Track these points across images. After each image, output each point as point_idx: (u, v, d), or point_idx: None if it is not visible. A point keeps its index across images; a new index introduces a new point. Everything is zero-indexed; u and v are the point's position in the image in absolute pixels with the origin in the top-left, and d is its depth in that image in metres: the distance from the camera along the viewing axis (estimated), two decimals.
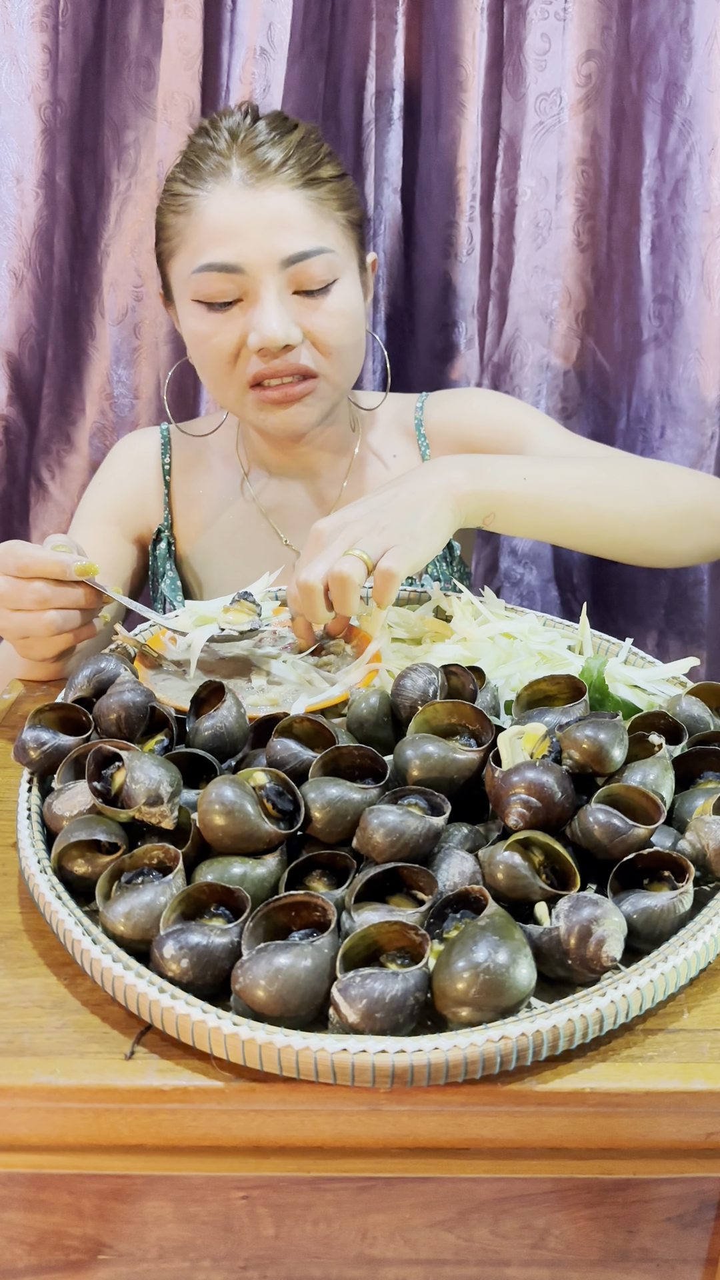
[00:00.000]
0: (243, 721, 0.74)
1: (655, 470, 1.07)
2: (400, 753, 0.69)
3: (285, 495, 1.21)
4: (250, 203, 1.01)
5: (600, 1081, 0.55)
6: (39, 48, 1.29)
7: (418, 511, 0.89)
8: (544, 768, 0.65)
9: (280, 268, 1.01)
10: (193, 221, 1.03)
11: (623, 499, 1.01)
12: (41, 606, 0.86)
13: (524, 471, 0.97)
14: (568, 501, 0.98)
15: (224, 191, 1.01)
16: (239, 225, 1.01)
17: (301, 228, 1.02)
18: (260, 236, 1.00)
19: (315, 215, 1.03)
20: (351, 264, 1.07)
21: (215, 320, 1.04)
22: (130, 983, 0.56)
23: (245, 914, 0.58)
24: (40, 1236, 0.62)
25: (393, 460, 1.22)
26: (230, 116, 1.05)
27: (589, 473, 1.02)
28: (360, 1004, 0.53)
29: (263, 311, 1.01)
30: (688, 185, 1.24)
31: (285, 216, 1.01)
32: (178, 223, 1.05)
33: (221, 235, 1.01)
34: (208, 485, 1.23)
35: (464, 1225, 0.61)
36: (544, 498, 0.97)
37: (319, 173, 1.04)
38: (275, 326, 1.00)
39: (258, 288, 1.01)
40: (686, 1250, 0.62)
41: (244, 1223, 0.61)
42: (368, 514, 0.89)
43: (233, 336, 1.03)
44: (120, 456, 1.26)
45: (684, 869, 0.62)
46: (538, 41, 1.24)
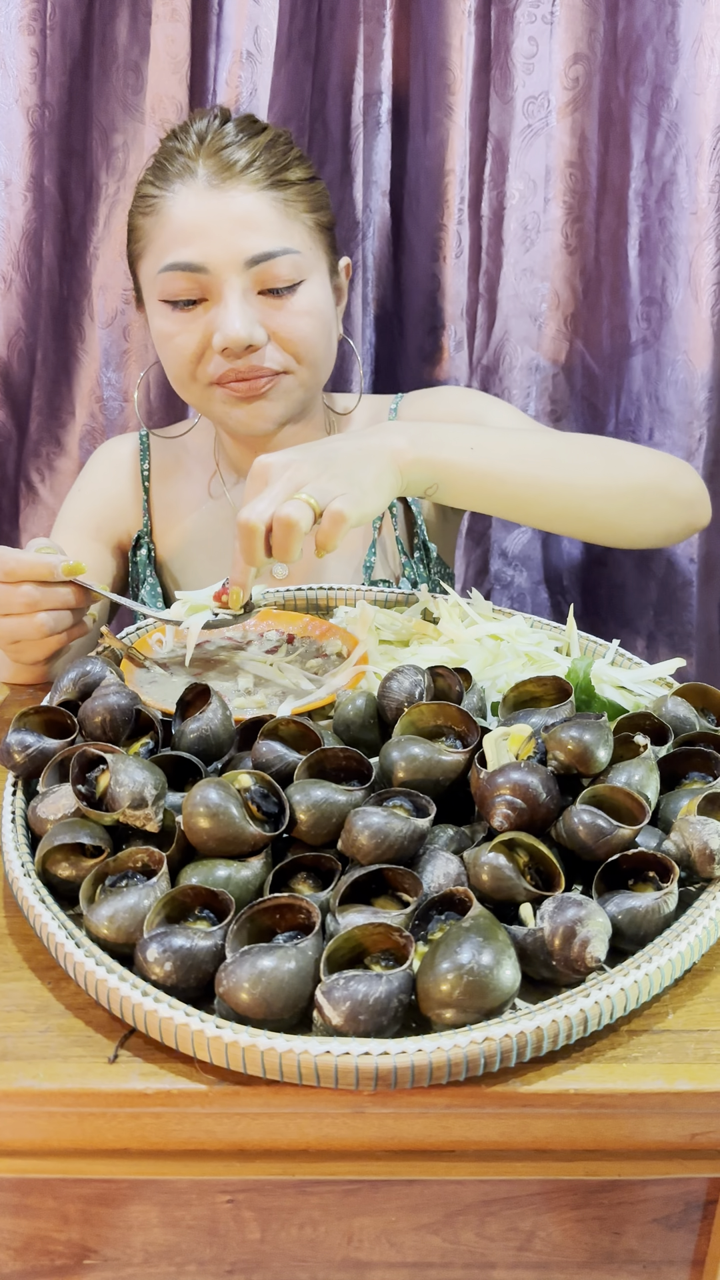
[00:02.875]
0: (228, 724, 0.74)
1: (612, 447, 1.05)
2: (386, 755, 0.69)
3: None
4: (215, 202, 1.01)
5: (585, 1083, 0.55)
6: (27, 51, 1.29)
7: (365, 466, 0.86)
8: (529, 769, 0.65)
9: (244, 267, 1.01)
10: (159, 222, 1.03)
11: (574, 472, 0.98)
12: (31, 609, 0.86)
13: (471, 441, 0.95)
14: (515, 473, 0.96)
15: (189, 192, 1.02)
16: (203, 225, 1.01)
17: (267, 228, 1.02)
18: (224, 236, 1.01)
19: (281, 216, 1.03)
20: (320, 266, 1.07)
21: (180, 320, 1.04)
22: (114, 986, 0.56)
23: (229, 917, 0.58)
24: (26, 1242, 0.62)
25: None
26: (200, 120, 1.06)
27: (541, 445, 1.00)
28: (344, 1006, 0.53)
29: (226, 311, 1.01)
30: (675, 188, 1.24)
31: (250, 216, 1.01)
32: (145, 224, 1.05)
33: (186, 235, 1.01)
34: (186, 490, 1.23)
35: (450, 1228, 0.61)
36: (490, 469, 0.95)
37: (286, 175, 1.04)
38: (238, 326, 1.00)
39: (221, 287, 1.02)
40: (673, 1251, 0.62)
41: (229, 1226, 0.61)
42: (316, 459, 0.85)
43: (196, 336, 1.04)
44: (99, 462, 1.26)
45: (669, 870, 0.62)
46: (525, 45, 1.24)
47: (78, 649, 1.03)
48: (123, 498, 1.23)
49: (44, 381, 1.40)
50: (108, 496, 1.23)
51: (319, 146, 1.35)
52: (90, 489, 1.24)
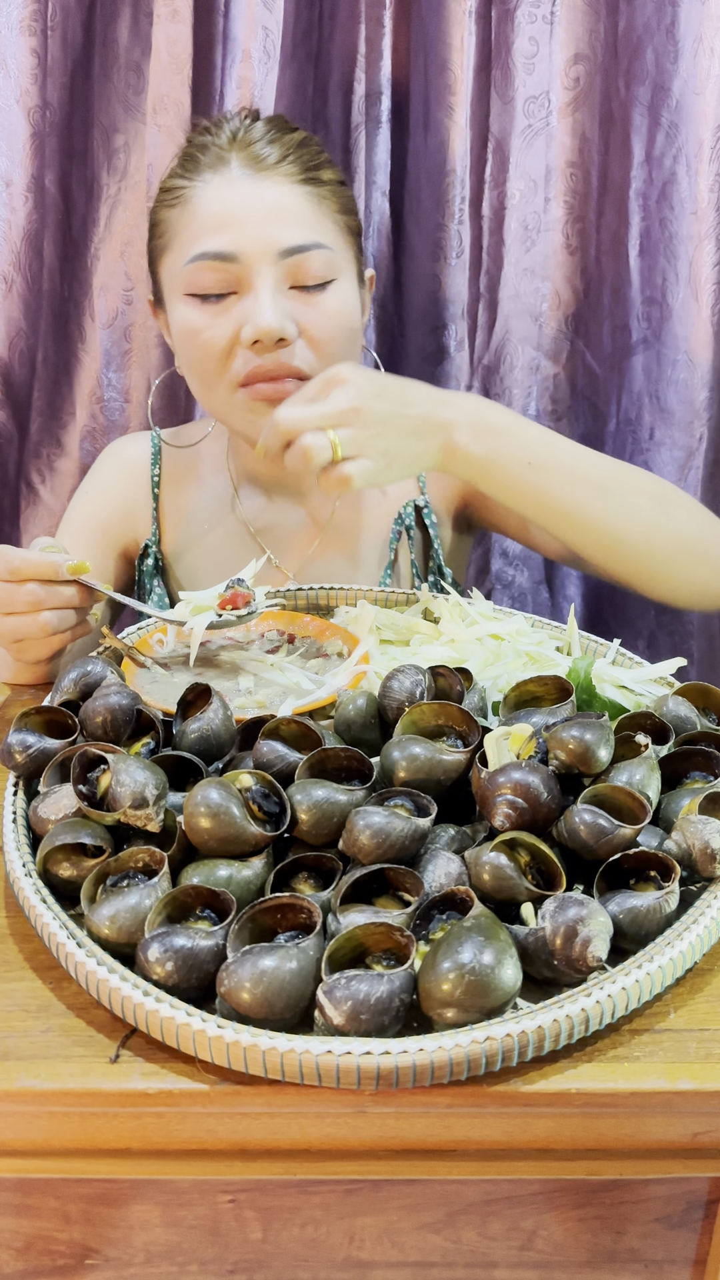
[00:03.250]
0: (229, 724, 0.74)
1: (669, 495, 1.02)
2: (387, 754, 0.69)
3: (276, 515, 1.17)
4: (248, 192, 0.99)
5: (586, 1082, 0.55)
6: (28, 52, 1.29)
7: (414, 442, 0.89)
8: (530, 768, 0.65)
9: (277, 258, 0.98)
10: (187, 212, 1.00)
11: (621, 512, 0.97)
12: (35, 608, 0.85)
13: (531, 455, 0.95)
14: (563, 498, 0.95)
15: (221, 180, 0.99)
16: (235, 214, 0.98)
17: (301, 220, 0.99)
18: (257, 226, 0.98)
19: (314, 211, 1.00)
20: (350, 269, 1.05)
21: (208, 313, 1.00)
22: (115, 986, 0.56)
23: (231, 917, 0.58)
24: (27, 1242, 0.62)
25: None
26: (231, 119, 1.04)
27: (599, 473, 0.98)
28: (345, 1006, 0.53)
29: (257, 302, 0.98)
30: (675, 187, 1.24)
31: (285, 207, 0.99)
32: (170, 216, 1.02)
33: (217, 223, 0.98)
34: (197, 499, 1.20)
35: (451, 1227, 0.61)
36: (538, 490, 0.95)
37: (319, 174, 1.02)
38: (270, 317, 0.97)
39: (253, 278, 0.98)
40: (674, 1251, 0.62)
41: (231, 1226, 0.61)
42: (377, 414, 0.88)
43: (225, 331, 1.00)
44: (108, 464, 1.22)
45: (670, 869, 0.62)
46: (525, 45, 1.24)
47: (79, 649, 1.03)
48: (131, 504, 1.19)
49: (45, 382, 1.40)
50: (115, 501, 1.20)
51: None
52: (97, 492, 1.21)
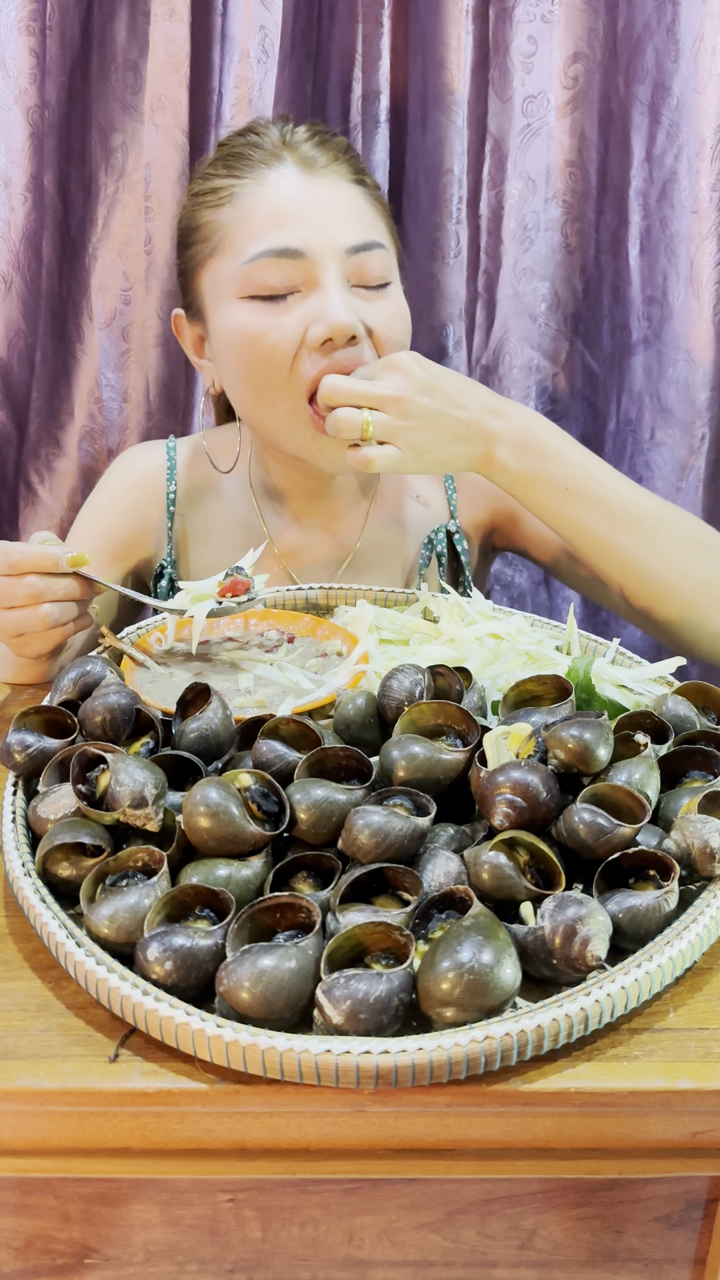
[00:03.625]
0: (229, 723, 0.74)
1: (711, 542, 0.99)
2: (386, 754, 0.69)
3: (302, 539, 1.13)
4: (310, 187, 0.96)
5: (586, 1081, 0.55)
6: (26, 52, 1.29)
7: (450, 444, 0.90)
8: (529, 768, 0.65)
9: (344, 255, 0.95)
10: (241, 210, 0.96)
11: (656, 550, 0.95)
12: (35, 601, 0.84)
13: (569, 482, 0.94)
14: (595, 529, 0.94)
15: (279, 176, 0.97)
16: (298, 209, 0.95)
17: (361, 218, 0.97)
18: (323, 221, 0.95)
19: (371, 210, 0.99)
20: (398, 273, 1.02)
21: (271, 314, 0.95)
22: (114, 985, 0.56)
23: (230, 916, 0.58)
24: (27, 1241, 0.62)
25: (414, 502, 1.15)
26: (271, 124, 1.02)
27: (638, 510, 0.96)
28: (345, 1005, 0.53)
29: (328, 298, 0.94)
30: (675, 186, 1.24)
31: (344, 205, 0.97)
32: (219, 217, 0.98)
33: (280, 218, 0.95)
34: (215, 517, 1.14)
35: (451, 1226, 0.61)
36: (572, 517, 0.94)
37: (364, 176, 1.01)
38: (342, 314, 0.93)
39: (320, 274, 0.94)
40: (674, 1250, 0.62)
41: (230, 1226, 0.61)
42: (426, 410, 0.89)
43: (292, 332, 0.94)
44: (119, 479, 1.16)
45: (669, 868, 0.62)
46: (524, 44, 1.24)
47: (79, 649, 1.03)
48: (144, 521, 1.13)
49: (43, 382, 1.40)
50: (126, 519, 1.14)
51: None
52: (108, 507, 1.15)
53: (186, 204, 1.03)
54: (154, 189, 1.29)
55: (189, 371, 1.39)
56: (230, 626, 0.95)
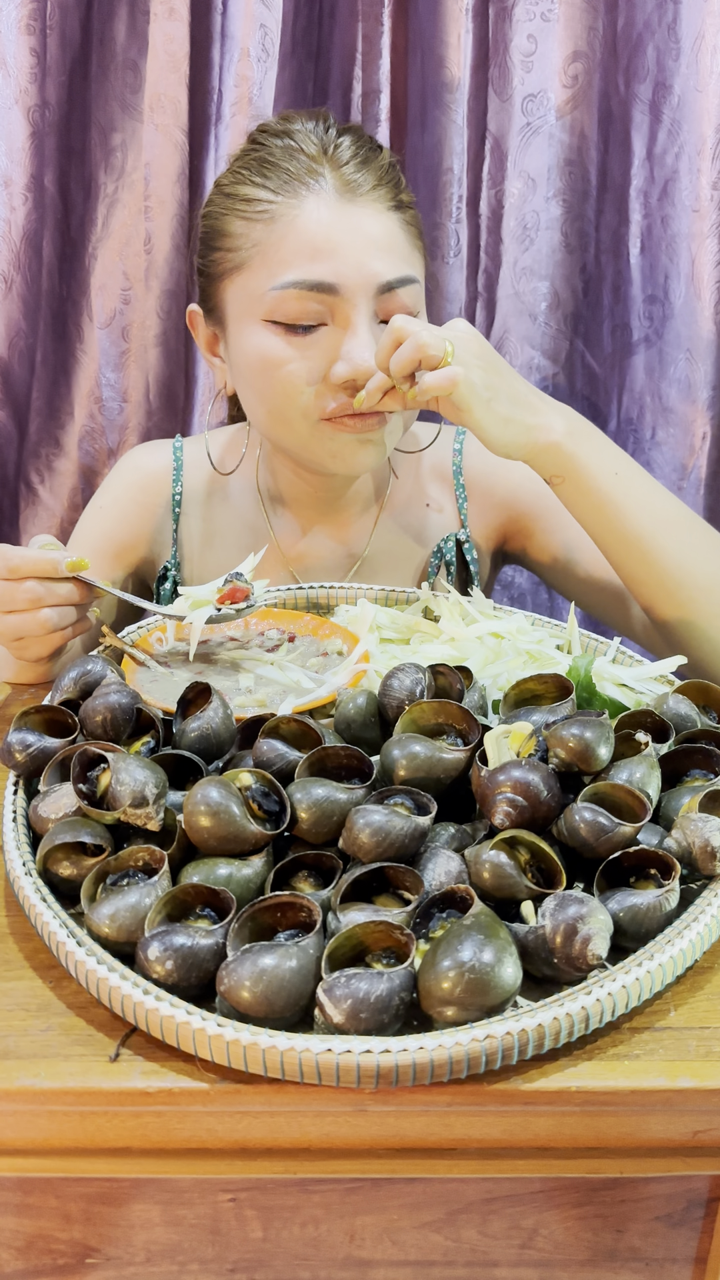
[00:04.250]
0: (229, 723, 0.74)
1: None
2: (387, 753, 0.69)
3: (309, 544, 1.12)
4: (349, 218, 0.92)
5: (587, 1080, 0.54)
6: (27, 51, 1.29)
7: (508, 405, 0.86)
8: (530, 766, 0.64)
9: (376, 293, 0.93)
10: (277, 232, 0.93)
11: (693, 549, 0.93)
12: (35, 605, 0.84)
13: (617, 466, 0.92)
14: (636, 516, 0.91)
15: (319, 201, 0.92)
16: (336, 242, 0.92)
17: (396, 252, 0.94)
18: (359, 256, 0.92)
19: (406, 241, 0.96)
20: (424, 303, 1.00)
21: (294, 345, 0.93)
22: (115, 985, 0.56)
23: (231, 915, 0.58)
24: (28, 1241, 0.62)
25: (425, 510, 1.14)
26: (306, 122, 0.97)
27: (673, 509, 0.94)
28: (345, 1004, 0.53)
29: (355, 339, 0.92)
30: (676, 185, 1.24)
31: (382, 238, 0.93)
32: (254, 232, 0.94)
33: (316, 250, 0.92)
34: (222, 519, 1.13)
35: (452, 1226, 0.61)
36: (618, 499, 0.91)
37: (403, 197, 0.97)
38: (370, 357, 0.91)
39: (350, 312, 0.92)
40: (675, 1249, 0.62)
41: (231, 1225, 0.61)
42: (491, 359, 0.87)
43: (312, 365, 0.94)
44: (124, 480, 1.14)
45: (670, 867, 0.62)
46: (524, 43, 1.24)
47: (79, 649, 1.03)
48: (149, 523, 1.13)
49: (43, 382, 1.40)
50: (131, 520, 1.13)
51: None
52: (112, 509, 1.13)
53: (216, 201, 0.99)
54: (154, 188, 1.29)
55: (189, 371, 1.39)
56: (231, 626, 0.95)
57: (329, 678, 0.86)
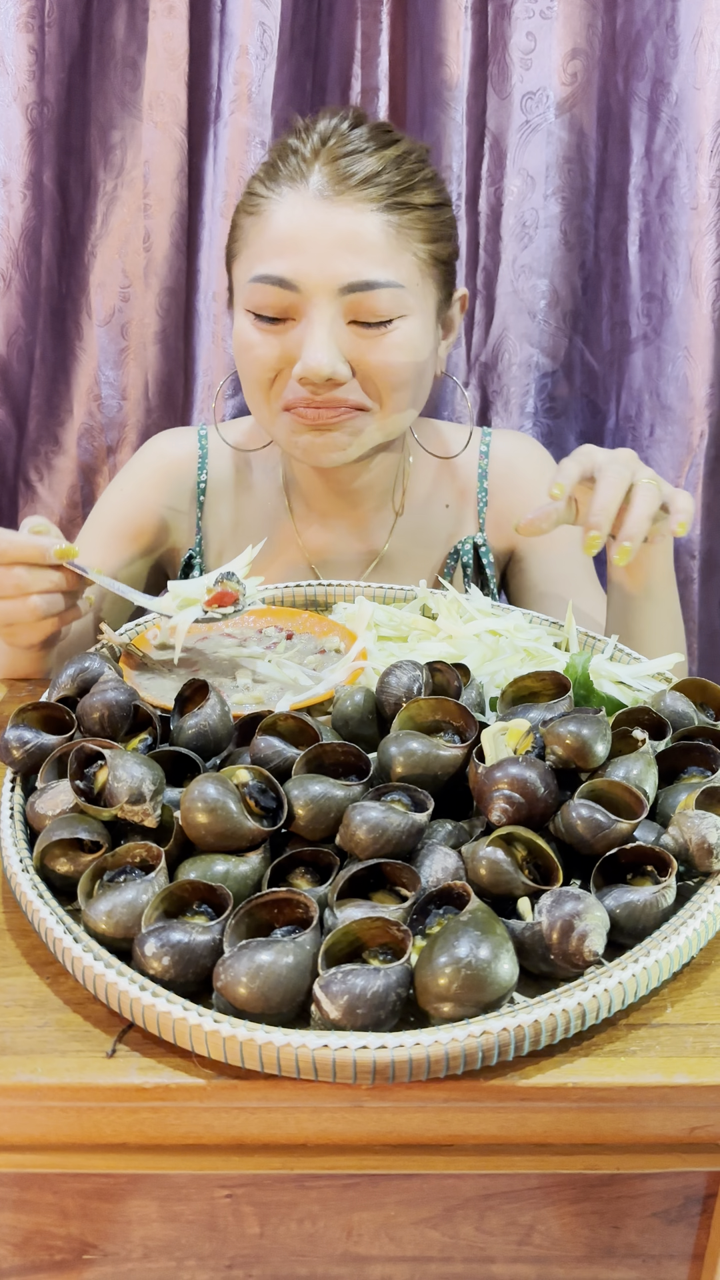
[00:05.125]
0: (227, 720, 0.74)
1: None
2: (384, 749, 0.69)
3: (329, 538, 1.13)
4: (321, 215, 0.93)
5: (583, 1076, 0.55)
6: (25, 49, 1.29)
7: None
8: (527, 763, 0.65)
9: (338, 294, 0.93)
10: (258, 225, 0.96)
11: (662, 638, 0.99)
12: (21, 592, 0.83)
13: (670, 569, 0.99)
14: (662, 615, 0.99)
15: (296, 198, 0.94)
16: (301, 239, 0.93)
17: (372, 254, 0.93)
18: (322, 255, 0.93)
19: (391, 243, 0.94)
20: (426, 303, 0.99)
21: (262, 333, 0.97)
22: (112, 981, 0.56)
23: (228, 911, 0.58)
24: (25, 1237, 0.62)
25: (444, 511, 1.15)
26: (328, 118, 0.98)
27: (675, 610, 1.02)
28: (342, 1000, 0.53)
29: (310, 339, 0.94)
30: (675, 183, 1.24)
31: (356, 238, 0.93)
32: (245, 224, 0.98)
33: (281, 246, 0.94)
34: (247, 509, 1.14)
35: (449, 1222, 0.61)
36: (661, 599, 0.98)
37: (409, 197, 0.96)
38: (320, 359, 0.93)
39: (309, 310, 0.94)
40: (672, 1245, 0.62)
41: (229, 1221, 0.61)
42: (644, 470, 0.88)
43: (276, 354, 0.96)
44: (147, 464, 1.15)
45: (667, 864, 0.62)
46: (523, 40, 1.24)
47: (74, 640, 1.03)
48: (171, 510, 1.13)
49: (42, 380, 1.40)
50: (153, 506, 1.12)
51: None
52: (135, 493, 1.13)
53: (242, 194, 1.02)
54: (153, 186, 1.29)
55: (188, 369, 1.39)
56: (229, 623, 0.95)
57: (327, 675, 0.86)
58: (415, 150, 1.00)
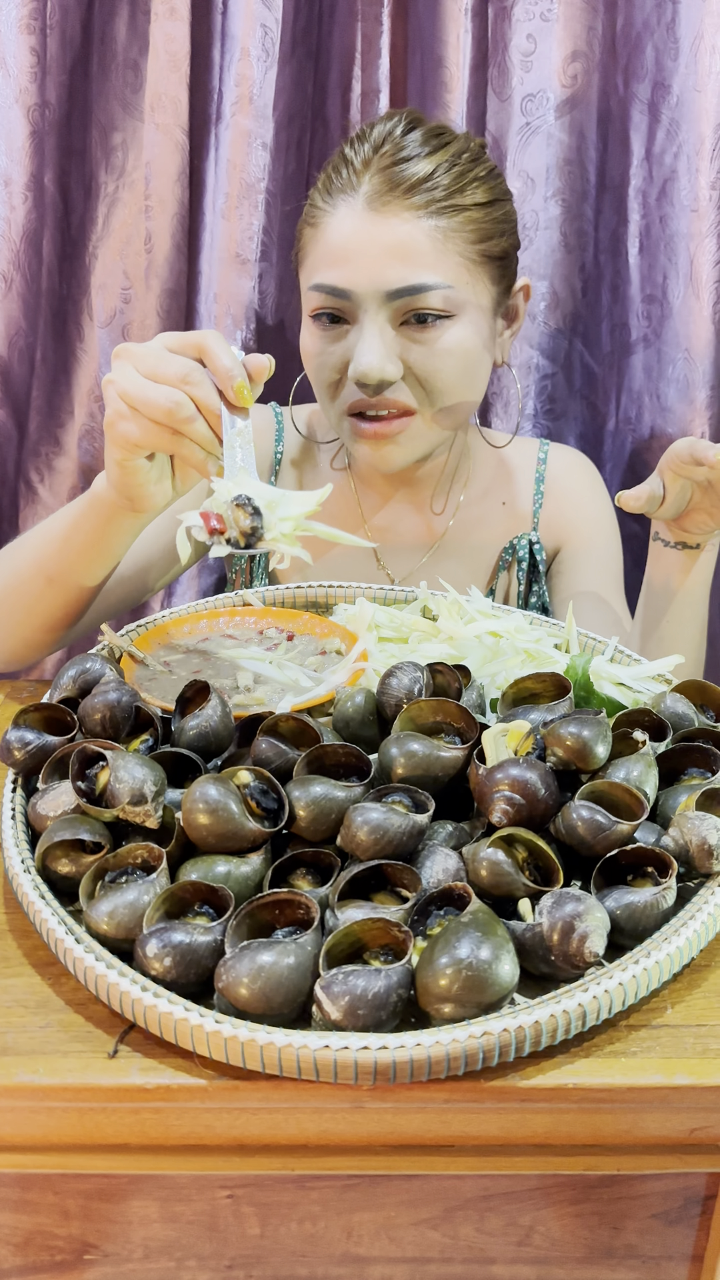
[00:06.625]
0: (228, 721, 0.74)
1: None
2: (385, 751, 0.69)
3: (391, 519, 1.18)
4: (369, 227, 0.98)
5: (584, 1077, 0.55)
6: (27, 50, 1.29)
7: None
8: (528, 765, 0.65)
9: (386, 299, 0.98)
10: (316, 236, 1.02)
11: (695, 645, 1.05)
12: (182, 383, 0.76)
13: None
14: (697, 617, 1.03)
15: (347, 210, 0.99)
16: (351, 250, 0.99)
17: (418, 260, 0.98)
18: (370, 264, 0.98)
19: (438, 247, 0.98)
20: (479, 300, 1.03)
21: (325, 339, 1.03)
22: (113, 981, 0.56)
23: (229, 912, 0.58)
24: (26, 1237, 0.62)
25: (500, 508, 1.20)
26: (384, 123, 1.02)
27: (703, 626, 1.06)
28: (343, 1001, 0.54)
29: (361, 343, 0.99)
30: (675, 185, 1.24)
31: (402, 245, 0.98)
32: (306, 235, 1.04)
33: (334, 257, 1.00)
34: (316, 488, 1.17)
35: (449, 1223, 0.61)
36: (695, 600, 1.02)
37: (460, 199, 0.99)
38: (371, 361, 0.98)
39: (362, 316, 1.00)
40: (672, 1247, 0.63)
41: (229, 1222, 0.61)
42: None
43: (337, 359, 1.02)
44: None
45: (667, 865, 0.62)
46: (523, 42, 1.24)
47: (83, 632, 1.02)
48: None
49: (43, 381, 1.40)
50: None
51: (319, 144, 1.35)
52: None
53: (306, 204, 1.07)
54: (154, 188, 1.29)
55: None
56: (230, 625, 0.95)
57: (327, 676, 0.86)
58: (468, 149, 1.03)
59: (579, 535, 1.20)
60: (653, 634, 1.03)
